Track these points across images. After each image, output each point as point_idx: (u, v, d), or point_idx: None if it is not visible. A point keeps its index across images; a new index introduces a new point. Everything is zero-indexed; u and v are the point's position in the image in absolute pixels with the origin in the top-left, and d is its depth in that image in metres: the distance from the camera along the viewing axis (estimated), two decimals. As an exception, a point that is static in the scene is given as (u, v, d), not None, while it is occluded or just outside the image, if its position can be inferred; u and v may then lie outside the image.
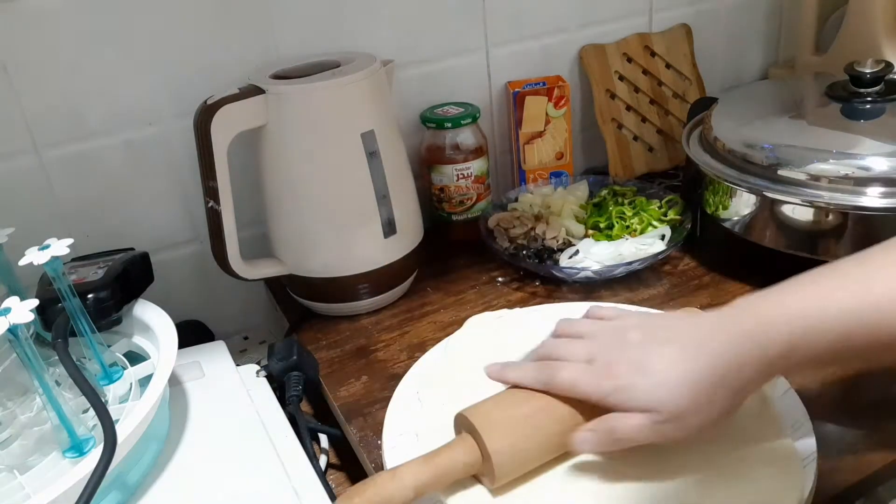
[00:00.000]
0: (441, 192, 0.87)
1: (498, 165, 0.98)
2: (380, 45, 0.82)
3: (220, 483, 0.52)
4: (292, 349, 0.66)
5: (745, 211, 0.73)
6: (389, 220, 0.73)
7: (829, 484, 0.51)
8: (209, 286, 0.84)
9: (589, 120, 1.00)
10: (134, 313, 0.63)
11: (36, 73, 0.70)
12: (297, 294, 0.79)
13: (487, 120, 0.94)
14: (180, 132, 0.76)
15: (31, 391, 0.55)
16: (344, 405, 0.64)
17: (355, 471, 0.62)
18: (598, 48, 0.97)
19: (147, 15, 0.72)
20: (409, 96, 0.87)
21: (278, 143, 0.69)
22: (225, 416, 0.59)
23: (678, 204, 0.84)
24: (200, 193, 0.69)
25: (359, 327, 0.75)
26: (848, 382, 0.61)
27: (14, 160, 0.72)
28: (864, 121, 0.76)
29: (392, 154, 0.72)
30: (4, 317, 0.46)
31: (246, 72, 0.73)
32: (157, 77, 0.75)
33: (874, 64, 0.75)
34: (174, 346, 0.57)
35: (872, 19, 0.94)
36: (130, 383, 0.57)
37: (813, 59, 1.04)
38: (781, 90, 0.93)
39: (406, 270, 0.78)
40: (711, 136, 0.78)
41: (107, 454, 0.45)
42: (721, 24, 1.07)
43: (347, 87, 0.68)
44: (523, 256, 0.79)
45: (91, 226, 0.76)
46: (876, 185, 0.65)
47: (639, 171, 1.00)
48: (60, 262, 0.53)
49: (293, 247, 0.74)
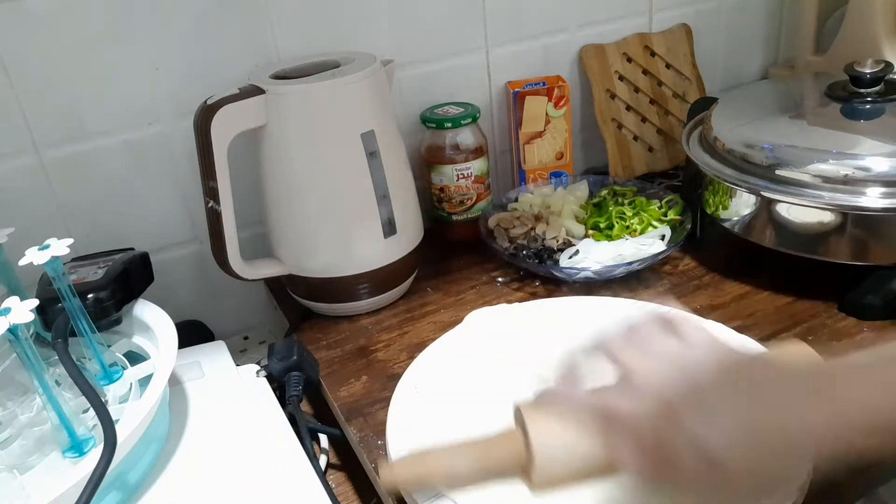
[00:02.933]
0: (441, 192, 0.87)
1: (498, 165, 0.98)
2: (380, 45, 0.82)
3: (219, 483, 0.52)
4: (292, 349, 0.66)
5: (745, 211, 0.73)
6: (389, 220, 0.73)
7: (829, 483, 0.51)
8: (209, 286, 0.84)
9: (589, 120, 1.00)
10: (134, 313, 0.63)
11: (36, 73, 0.70)
12: (297, 294, 0.79)
13: (487, 120, 0.94)
14: (180, 132, 0.77)
15: (31, 391, 0.55)
16: (344, 405, 0.64)
17: (355, 471, 0.62)
18: (598, 48, 0.97)
19: (147, 15, 0.72)
20: (409, 96, 0.87)
21: (278, 143, 0.69)
22: (225, 416, 0.59)
23: (678, 204, 0.84)
24: (200, 193, 0.69)
25: (359, 327, 0.75)
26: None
27: (14, 160, 0.72)
28: (864, 121, 0.76)
29: (392, 154, 0.72)
30: (4, 317, 0.46)
31: (246, 72, 0.73)
32: (157, 77, 0.75)
33: (874, 64, 0.75)
34: (174, 346, 0.57)
35: (872, 19, 0.94)
36: (130, 383, 0.57)
37: (813, 59, 1.05)
38: (781, 90, 0.93)
39: (406, 270, 0.78)
40: (711, 136, 0.78)
41: (107, 454, 0.45)
42: (721, 24, 1.07)
43: (347, 87, 0.68)
44: (523, 256, 0.79)
45: (91, 226, 0.76)
46: (876, 185, 0.65)
47: (639, 171, 1.00)
48: (60, 262, 0.53)
49: (293, 247, 0.74)
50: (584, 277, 0.76)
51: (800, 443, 0.38)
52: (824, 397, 0.38)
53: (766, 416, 0.37)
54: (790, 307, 0.70)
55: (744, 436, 0.37)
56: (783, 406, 0.38)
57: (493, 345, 0.65)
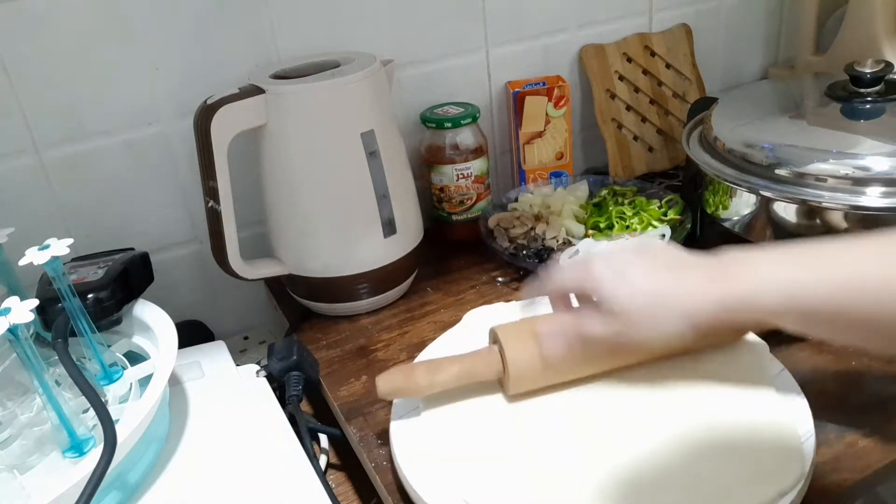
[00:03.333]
0: (441, 192, 0.87)
1: (498, 165, 0.98)
2: (380, 45, 0.82)
3: (219, 483, 0.52)
4: (292, 349, 0.66)
5: (745, 211, 0.73)
6: (389, 220, 0.73)
7: (829, 484, 0.51)
8: (209, 286, 0.84)
9: (589, 120, 1.00)
10: (134, 313, 0.63)
11: (36, 73, 0.70)
12: (297, 294, 0.79)
13: (487, 120, 0.94)
14: (180, 132, 0.77)
15: (31, 391, 0.55)
16: (344, 405, 0.64)
17: (355, 471, 0.62)
18: (598, 48, 0.97)
19: (147, 15, 0.72)
20: (409, 96, 0.87)
21: (278, 143, 0.69)
22: (225, 416, 0.59)
23: (678, 204, 0.84)
24: (200, 193, 0.69)
25: (359, 327, 0.75)
26: (848, 381, 0.61)
27: (14, 160, 0.72)
28: (864, 121, 0.76)
29: (392, 154, 0.72)
30: (4, 317, 0.46)
31: (246, 72, 0.73)
32: (157, 77, 0.75)
33: (874, 64, 0.75)
34: (174, 346, 0.57)
35: (872, 19, 0.94)
36: (130, 383, 0.57)
37: (813, 59, 1.05)
38: (781, 90, 0.93)
39: (406, 270, 0.78)
40: (711, 135, 0.78)
41: (107, 454, 0.45)
42: (721, 24, 1.07)
43: (347, 87, 0.68)
44: (523, 256, 0.79)
45: (91, 226, 0.76)
46: (876, 185, 0.65)
47: (639, 171, 1.00)
48: (60, 262, 0.53)
49: (293, 247, 0.74)
50: (584, 277, 0.76)
51: (685, 302, 0.48)
52: (716, 275, 0.49)
53: (664, 281, 0.49)
54: (790, 307, 0.70)
55: (644, 293, 0.49)
56: (678, 275, 0.50)
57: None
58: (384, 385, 0.56)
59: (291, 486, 0.52)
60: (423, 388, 0.57)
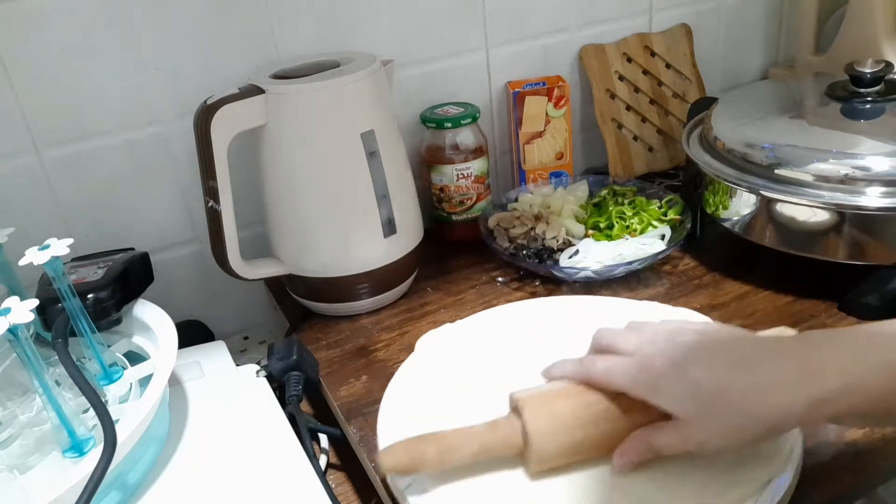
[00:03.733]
0: (441, 192, 0.87)
1: (498, 165, 0.98)
2: (380, 45, 0.82)
3: (219, 483, 0.52)
4: (292, 349, 0.66)
5: (745, 211, 0.73)
6: (389, 220, 0.73)
7: (829, 484, 0.51)
8: (209, 286, 0.84)
9: (589, 120, 1.00)
10: (134, 313, 0.63)
11: (36, 73, 0.70)
12: (297, 294, 0.79)
13: (487, 120, 0.94)
14: (180, 132, 0.77)
15: (31, 391, 0.55)
16: (344, 405, 0.64)
17: (355, 471, 0.62)
18: (598, 48, 0.97)
19: (147, 15, 0.72)
20: (409, 96, 0.87)
21: (278, 143, 0.69)
22: (225, 416, 0.59)
23: (678, 204, 0.84)
24: (200, 193, 0.69)
25: (359, 327, 0.75)
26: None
27: (14, 160, 0.72)
28: (864, 121, 0.76)
29: (392, 154, 0.72)
30: (4, 317, 0.46)
31: (246, 72, 0.73)
32: (157, 77, 0.75)
33: (874, 64, 0.75)
34: (174, 346, 0.57)
35: (872, 19, 0.94)
36: (130, 383, 0.57)
37: (813, 59, 1.05)
38: (781, 90, 0.93)
39: (406, 270, 0.78)
40: (711, 135, 0.78)
41: (107, 454, 0.45)
42: (721, 24, 1.07)
43: (347, 87, 0.68)
44: (523, 256, 0.79)
45: (91, 226, 0.76)
46: (876, 185, 0.65)
47: (639, 171, 1.00)
48: (60, 262, 0.53)
49: (293, 247, 0.74)
50: (584, 277, 0.76)
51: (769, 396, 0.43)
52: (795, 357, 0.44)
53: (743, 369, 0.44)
54: (790, 307, 0.70)
55: (723, 381, 0.43)
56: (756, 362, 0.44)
57: (492, 343, 0.65)
58: (388, 462, 0.49)
59: (291, 485, 0.52)
60: (432, 468, 0.50)
